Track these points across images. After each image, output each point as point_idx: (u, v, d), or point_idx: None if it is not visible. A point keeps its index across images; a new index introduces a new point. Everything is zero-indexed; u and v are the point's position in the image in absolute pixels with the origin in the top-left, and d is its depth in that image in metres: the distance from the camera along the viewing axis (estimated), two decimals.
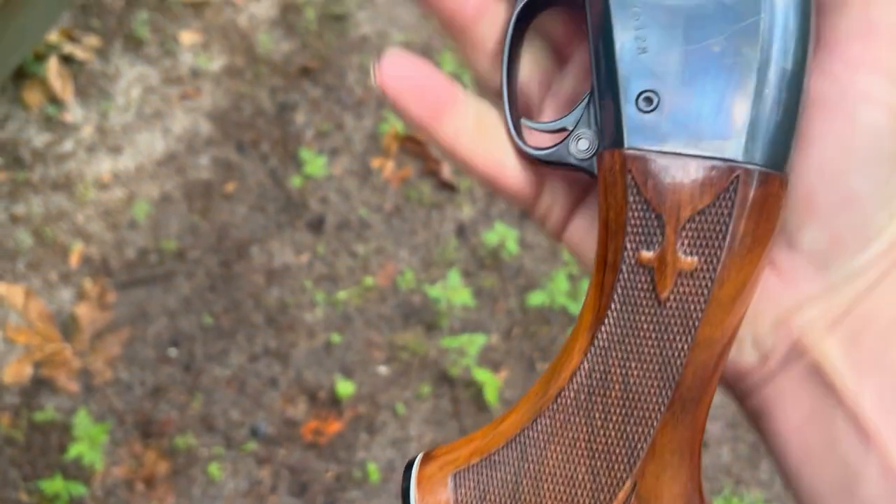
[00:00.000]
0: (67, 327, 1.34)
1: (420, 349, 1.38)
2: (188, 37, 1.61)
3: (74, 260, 1.40)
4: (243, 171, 1.50)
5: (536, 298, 1.41)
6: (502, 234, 1.46)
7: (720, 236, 0.27)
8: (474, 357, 1.37)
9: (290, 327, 1.39)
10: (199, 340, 1.36)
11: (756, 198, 0.27)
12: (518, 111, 0.32)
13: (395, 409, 1.34)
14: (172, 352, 1.35)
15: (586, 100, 0.30)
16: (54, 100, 1.51)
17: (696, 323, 0.27)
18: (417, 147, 1.55)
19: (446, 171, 1.52)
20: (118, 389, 1.32)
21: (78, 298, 1.37)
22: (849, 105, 0.27)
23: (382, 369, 1.37)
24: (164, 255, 1.42)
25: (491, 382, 1.34)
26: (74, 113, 1.52)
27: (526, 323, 1.42)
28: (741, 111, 0.26)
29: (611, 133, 0.28)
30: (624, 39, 0.28)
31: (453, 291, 1.40)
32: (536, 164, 0.31)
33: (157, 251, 1.42)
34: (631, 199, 0.28)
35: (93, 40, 1.57)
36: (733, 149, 0.27)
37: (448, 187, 1.53)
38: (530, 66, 0.33)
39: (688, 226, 0.27)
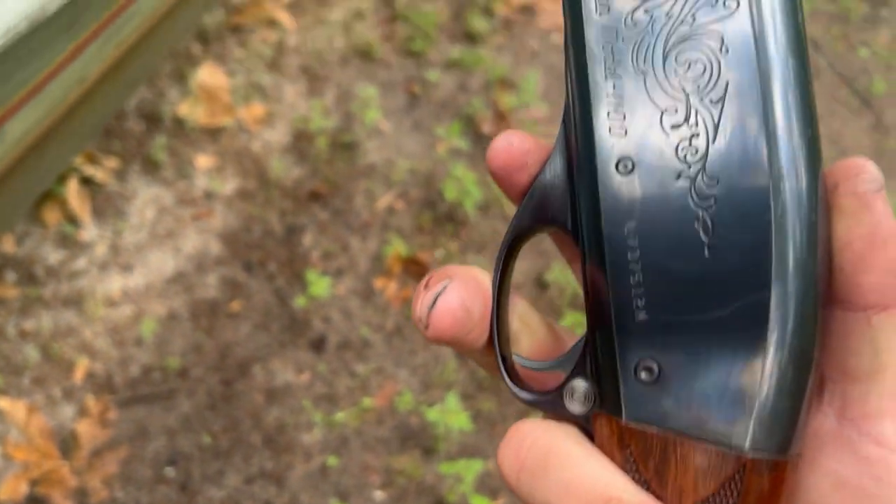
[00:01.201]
0: (67, 444, 1.35)
1: (417, 474, 1.38)
2: (203, 161, 1.68)
3: (79, 375, 1.42)
4: (250, 290, 1.54)
5: None
6: None
7: None
8: (471, 483, 1.36)
9: (288, 448, 1.39)
10: (197, 460, 1.37)
11: (763, 487, 0.24)
12: (508, 347, 0.29)
13: None
14: (169, 471, 1.35)
15: (583, 344, 0.27)
16: (72, 219, 1.57)
17: None
18: (419, 268, 1.59)
19: None
20: None
21: (79, 415, 1.38)
22: (888, 497, 0.24)
23: (378, 494, 1.36)
24: (167, 372, 1.44)
25: None
26: (90, 232, 1.57)
27: None
28: (750, 393, 0.24)
29: (608, 397, 0.26)
30: (621, 301, 0.25)
31: (451, 415, 1.41)
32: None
33: (160, 369, 1.44)
34: (629, 477, 0.25)
35: (112, 162, 1.65)
36: (741, 435, 0.24)
37: None
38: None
39: None
